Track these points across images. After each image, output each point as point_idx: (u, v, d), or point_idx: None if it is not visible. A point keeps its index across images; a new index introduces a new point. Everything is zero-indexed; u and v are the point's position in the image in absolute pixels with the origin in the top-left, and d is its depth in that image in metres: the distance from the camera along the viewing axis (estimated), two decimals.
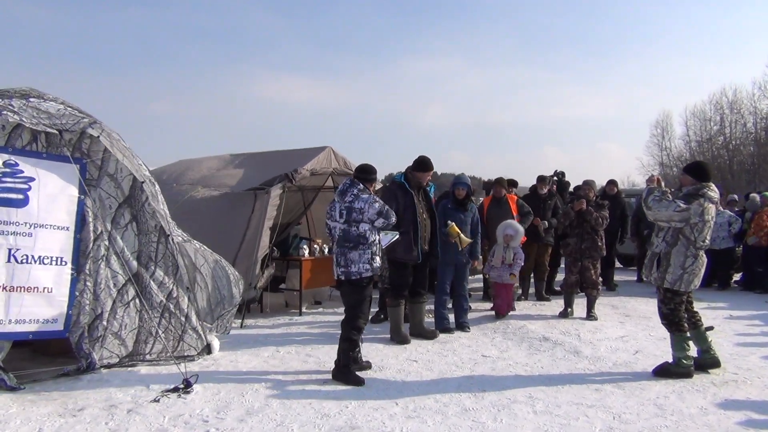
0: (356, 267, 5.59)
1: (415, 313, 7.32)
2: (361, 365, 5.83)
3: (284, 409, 4.72)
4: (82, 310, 5.43)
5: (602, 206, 8.68)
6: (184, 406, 4.74)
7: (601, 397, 5.10)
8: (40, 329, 5.26)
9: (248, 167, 9.74)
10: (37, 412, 4.54)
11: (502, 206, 9.13)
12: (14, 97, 5.45)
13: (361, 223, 5.58)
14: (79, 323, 5.41)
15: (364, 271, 5.60)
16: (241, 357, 6.26)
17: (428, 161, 7.11)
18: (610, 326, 8.00)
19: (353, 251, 5.60)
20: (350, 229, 5.61)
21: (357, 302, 5.67)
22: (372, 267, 5.62)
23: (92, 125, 5.64)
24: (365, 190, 5.71)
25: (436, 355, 6.49)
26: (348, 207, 5.62)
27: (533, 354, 6.58)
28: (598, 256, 8.62)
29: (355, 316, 5.64)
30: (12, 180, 5.21)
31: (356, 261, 5.59)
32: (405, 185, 7.03)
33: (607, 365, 6.14)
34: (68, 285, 5.40)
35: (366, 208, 5.57)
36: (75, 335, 5.40)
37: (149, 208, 5.93)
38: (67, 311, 5.37)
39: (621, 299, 10.19)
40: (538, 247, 9.84)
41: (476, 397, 5.05)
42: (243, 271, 7.78)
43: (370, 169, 5.96)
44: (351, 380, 5.46)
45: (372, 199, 5.63)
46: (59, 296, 5.35)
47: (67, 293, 5.38)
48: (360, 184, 5.73)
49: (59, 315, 5.34)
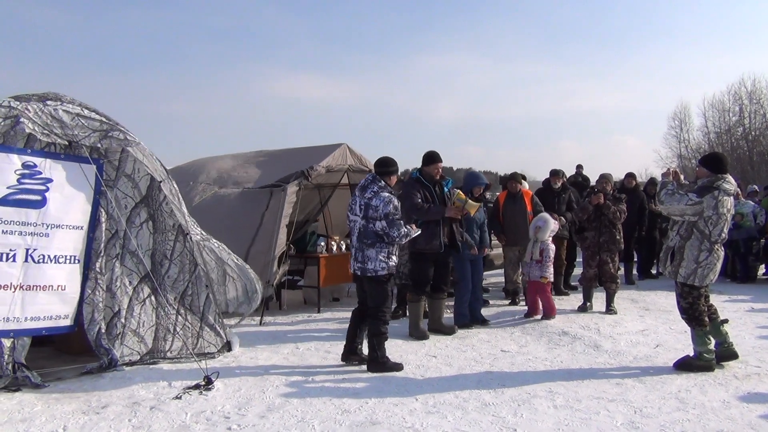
0: (372, 264, 5.65)
1: (434, 309, 7.33)
2: (361, 358, 5.92)
3: (305, 405, 4.75)
4: (95, 307, 5.51)
5: (620, 200, 8.61)
6: (205, 403, 4.78)
7: (621, 392, 5.08)
8: (53, 325, 5.38)
9: (264, 165, 9.78)
10: (61, 409, 4.61)
11: (517, 202, 9.08)
12: (32, 100, 5.51)
13: (378, 221, 5.62)
14: (95, 320, 5.49)
15: (380, 269, 5.65)
16: (261, 354, 6.31)
17: (434, 153, 7.12)
18: (630, 320, 7.95)
19: (371, 248, 5.65)
20: (368, 225, 5.66)
21: (381, 298, 5.75)
22: (388, 265, 5.68)
23: (102, 140, 5.69)
24: (386, 188, 5.76)
25: (455, 350, 6.49)
26: (366, 203, 5.68)
27: (553, 349, 6.56)
28: (616, 250, 8.55)
29: (382, 311, 5.74)
30: (31, 181, 5.29)
31: (373, 258, 5.65)
32: (421, 179, 7.08)
33: (627, 359, 6.11)
34: (80, 283, 5.50)
35: (381, 207, 5.60)
36: (92, 332, 5.48)
37: (167, 207, 6.00)
38: (77, 307, 5.47)
39: (640, 293, 10.13)
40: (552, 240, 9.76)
41: (496, 392, 5.05)
42: (259, 268, 7.84)
43: (388, 161, 5.99)
44: (390, 368, 5.68)
45: (388, 200, 5.64)
46: (71, 293, 5.46)
47: (78, 290, 5.48)
48: (381, 181, 5.79)
49: (70, 311, 5.45)
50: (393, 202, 5.67)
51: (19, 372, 5.02)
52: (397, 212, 5.67)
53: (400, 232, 5.63)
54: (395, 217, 5.64)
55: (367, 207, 5.66)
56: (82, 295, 5.50)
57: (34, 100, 5.51)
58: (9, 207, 5.15)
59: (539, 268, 8.05)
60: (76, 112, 5.66)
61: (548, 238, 8.18)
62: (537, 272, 8.05)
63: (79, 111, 5.69)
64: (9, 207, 5.15)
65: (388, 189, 5.78)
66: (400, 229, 5.64)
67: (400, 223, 5.66)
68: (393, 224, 5.62)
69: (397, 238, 5.65)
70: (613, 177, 9.22)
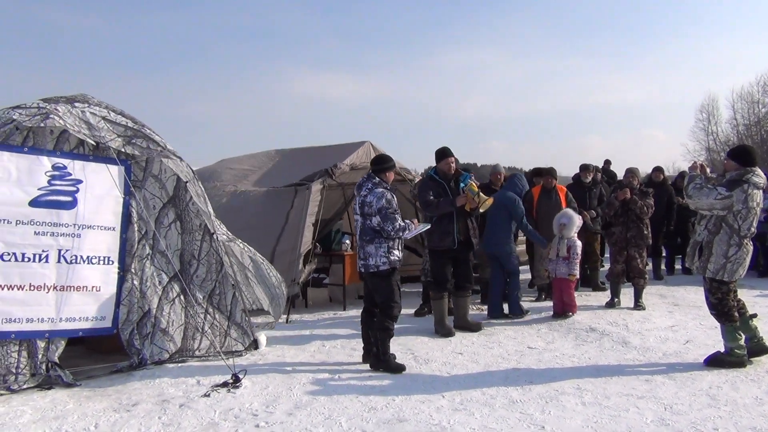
0: (373, 260, 5.66)
1: (459, 306, 7.31)
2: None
3: (331, 402, 4.77)
4: (131, 308, 5.60)
5: (646, 194, 8.49)
6: (233, 401, 4.83)
7: (651, 388, 5.02)
8: (90, 327, 5.46)
9: (288, 164, 9.85)
10: (92, 407, 4.69)
11: (552, 197, 9.01)
12: (60, 102, 5.62)
13: (373, 217, 5.64)
14: (129, 320, 5.58)
15: (381, 264, 5.65)
16: (288, 351, 6.35)
17: (443, 149, 7.12)
18: (659, 316, 7.85)
19: (370, 245, 5.68)
20: (365, 222, 5.70)
21: (388, 294, 5.72)
22: (389, 260, 5.66)
23: (126, 146, 5.76)
24: (380, 184, 5.77)
25: (482, 347, 6.47)
26: (362, 201, 5.73)
27: (580, 345, 6.51)
28: (644, 245, 8.45)
29: (390, 306, 5.71)
30: (61, 183, 5.39)
31: (373, 254, 5.66)
32: (435, 177, 7.08)
33: (656, 355, 6.04)
34: (115, 284, 5.58)
35: (374, 202, 5.61)
36: (126, 332, 5.56)
37: (193, 208, 6.07)
38: (114, 309, 5.55)
39: (669, 288, 10.00)
40: (586, 236, 9.68)
41: (523, 389, 5.03)
42: (285, 266, 7.89)
43: (383, 158, 6.05)
44: (392, 367, 5.59)
45: (381, 195, 5.63)
46: (107, 294, 5.54)
47: (114, 291, 5.57)
48: (375, 178, 5.80)
49: (107, 313, 5.53)
50: (386, 196, 5.65)
51: (52, 371, 5.13)
52: (390, 206, 5.62)
53: (394, 226, 5.59)
54: (388, 212, 5.60)
55: (363, 204, 5.70)
56: (119, 296, 5.59)
57: (63, 102, 5.62)
58: (40, 208, 5.25)
59: (566, 265, 7.96)
60: (102, 115, 5.76)
61: (574, 234, 8.10)
62: (564, 269, 7.95)
63: (105, 114, 5.78)
64: (40, 208, 5.25)
65: (383, 185, 5.78)
66: (395, 223, 5.59)
67: (394, 217, 5.61)
68: (386, 218, 5.59)
69: (392, 232, 5.60)
70: (639, 171, 9.10)
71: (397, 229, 5.61)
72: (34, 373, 5.06)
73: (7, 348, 4.98)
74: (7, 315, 5.02)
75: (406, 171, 9.80)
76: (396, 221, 5.61)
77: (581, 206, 9.31)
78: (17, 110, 5.30)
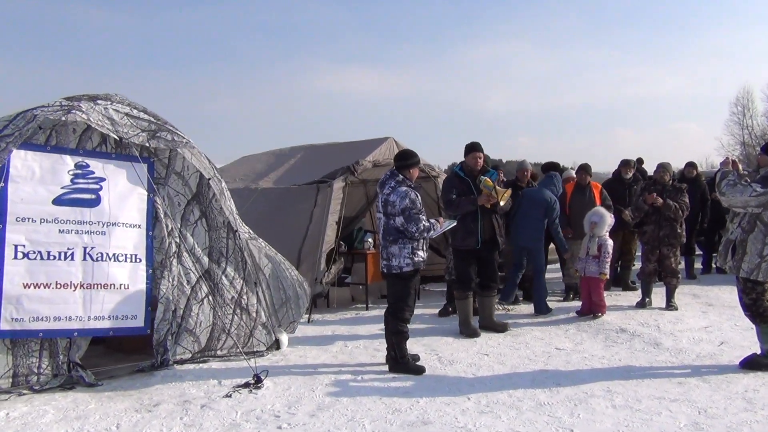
0: (397, 261, 5.60)
1: (485, 306, 7.27)
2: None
3: (355, 404, 4.77)
4: (167, 306, 5.63)
5: (680, 190, 8.32)
6: (255, 401, 4.85)
7: (684, 391, 4.95)
8: (120, 325, 5.49)
9: (309, 160, 9.87)
10: (114, 407, 4.74)
11: (586, 194, 8.90)
12: (83, 99, 5.69)
13: (397, 217, 5.56)
14: (165, 319, 5.62)
15: (405, 266, 5.59)
16: (310, 352, 6.37)
17: (472, 143, 7.04)
18: (692, 316, 7.74)
19: (393, 245, 5.62)
20: (388, 221, 5.63)
21: (402, 295, 5.68)
22: (413, 261, 5.59)
23: (150, 140, 5.80)
24: (404, 182, 5.67)
25: (508, 348, 6.43)
26: (384, 199, 5.64)
27: (610, 346, 6.44)
28: (677, 244, 8.28)
29: (401, 308, 5.66)
30: (84, 181, 5.46)
31: (396, 255, 5.60)
32: (460, 174, 7.03)
33: (690, 357, 5.95)
34: (144, 282, 5.63)
35: (398, 202, 5.54)
36: (161, 332, 5.60)
37: (216, 205, 6.11)
38: (145, 308, 5.59)
39: (702, 288, 9.84)
40: (624, 234, 9.56)
41: (551, 392, 4.98)
42: (309, 266, 7.90)
43: (406, 154, 5.94)
44: (410, 369, 5.58)
45: (404, 194, 5.54)
46: (136, 293, 5.57)
47: (144, 289, 5.61)
48: (399, 175, 5.70)
49: (138, 311, 5.57)
50: (410, 196, 5.54)
51: (73, 371, 5.19)
52: (414, 206, 5.52)
53: (418, 227, 5.49)
54: (412, 212, 5.50)
55: (386, 203, 5.61)
56: (148, 295, 5.64)
57: (85, 99, 5.69)
58: (64, 206, 5.31)
59: (597, 264, 7.87)
60: (125, 111, 5.81)
61: (605, 233, 8.01)
62: (594, 268, 7.86)
63: (128, 111, 5.84)
64: (64, 206, 5.31)
65: (407, 183, 5.68)
66: (418, 224, 5.49)
67: (418, 218, 5.51)
68: (410, 219, 5.50)
69: (416, 233, 5.51)
70: (671, 166, 8.94)
71: (422, 230, 5.52)
72: (56, 373, 5.13)
73: (29, 347, 5.05)
74: (35, 314, 5.08)
75: (430, 168, 9.77)
76: (420, 222, 5.52)
77: (621, 203, 9.17)
78: (40, 108, 5.38)
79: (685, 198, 8.27)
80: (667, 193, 8.23)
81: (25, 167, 5.20)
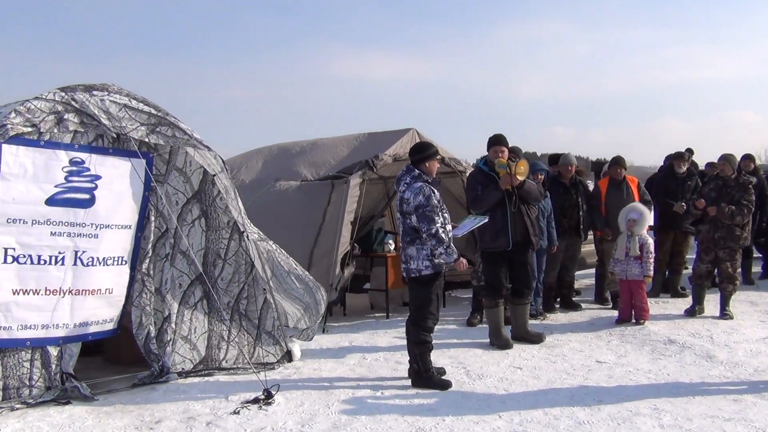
0: (415, 264, 5.60)
1: (518, 315, 7.23)
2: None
3: (374, 422, 4.78)
4: (143, 311, 5.71)
5: (745, 186, 8.04)
6: (265, 419, 4.88)
7: (740, 409, 4.90)
8: (98, 330, 5.65)
9: (324, 154, 9.86)
10: (113, 424, 4.79)
11: (623, 190, 8.83)
12: (78, 90, 5.74)
13: (412, 215, 5.56)
14: (142, 324, 5.69)
15: (423, 268, 5.58)
16: (325, 364, 6.40)
17: (496, 136, 7.04)
18: (749, 326, 7.65)
19: (411, 246, 5.63)
20: (405, 220, 5.64)
21: (423, 302, 5.67)
22: (432, 264, 5.56)
23: (150, 135, 5.87)
24: (420, 177, 5.66)
25: (543, 361, 6.41)
26: (400, 197, 5.66)
27: (657, 359, 6.39)
28: (736, 247, 8.11)
29: (423, 317, 5.65)
30: (79, 179, 5.51)
31: (414, 257, 5.60)
32: (484, 168, 7.01)
33: (746, 372, 5.89)
34: (125, 285, 5.74)
35: (411, 199, 5.54)
36: (141, 337, 5.68)
37: (221, 203, 6.15)
38: (122, 310, 5.72)
39: (761, 294, 9.73)
40: (675, 235, 9.45)
41: (591, 409, 4.96)
42: (323, 270, 7.92)
43: (422, 146, 5.95)
44: (435, 383, 5.57)
45: (418, 190, 5.53)
46: (117, 296, 5.71)
47: (124, 293, 5.73)
48: (414, 170, 5.71)
49: (115, 314, 5.71)
50: (424, 191, 5.52)
51: (68, 383, 5.26)
52: (428, 204, 5.49)
53: (429, 228, 5.44)
54: (426, 210, 5.48)
55: (402, 201, 5.62)
56: (128, 297, 5.72)
57: (80, 90, 5.75)
58: (57, 207, 5.37)
59: (639, 266, 7.82)
60: (124, 103, 5.86)
61: (644, 231, 7.96)
62: (637, 270, 7.82)
63: (126, 102, 5.89)
64: (57, 207, 5.37)
65: (424, 178, 5.66)
66: (431, 225, 5.44)
67: (432, 217, 5.46)
68: (423, 218, 5.47)
69: (425, 233, 5.46)
70: (735, 158, 8.66)
71: (432, 233, 5.45)
72: (50, 386, 5.20)
73: (19, 357, 5.13)
74: (23, 321, 5.17)
75: (456, 162, 9.72)
76: (434, 222, 5.46)
77: (674, 200, 9.10)
78: (33, 100, 5.44)
79: (751, 196, 8.05)
80: (729, 190, 8.05)
81: (17, 164, 5.25)
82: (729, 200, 7.98)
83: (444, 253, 5.50)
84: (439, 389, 5.52)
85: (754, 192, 8.18)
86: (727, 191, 8.06)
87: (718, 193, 8.12)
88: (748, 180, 8.29)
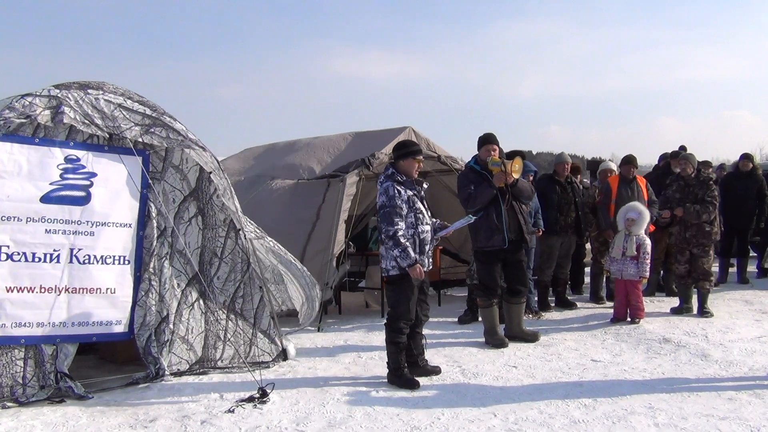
0: (384, 263, 5.64)
1: (512, 314, 7.23)
2: (425, 369, 5.89)
3: (369, 420, 4.78)
4: (148, 311, 5.69)
5: (705, 183, 8.21)
6: (260, 417, 4.88)
7: (735, 408, 4.91)
8: (104, 331, 5.58)
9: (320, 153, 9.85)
10: (107, 423, 4.78)
11: (634, 189, 8.79)
12: (72, 88, 5.73)
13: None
14: (146, 325, 5.67)
15: (391, 269, 5.60)
16: (320, 363, 6.39)
17: (486, 135, 7.04)
18: (744, 325, 7.68)
19: (382, 246, 5.67)
20: (379, 221, 5.67)
21: (393, 302, 5.70)
22: (398, 264, 5.54)
23: (144, 135, 5.84)
24: (392, 176, 5.64)
25: (539, 359, 6.42)
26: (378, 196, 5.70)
27: (652, 358, 6.41)
28: (708, 243, 8.24)
29: (395, 317, 5.67)
30: (74, 176, 5.50)
31: (384, 257, 5.65)
32: (476, 168, 7.00)
33: (741, 370, 5.91)
34: (132, 285, 5.69)
35: (378, 198, 5.57)
36: (142, 338, 5.66)
37: (217, 201, 6.14)
38: (130, 312, 5.66)
39: (756, 293, 9.76)
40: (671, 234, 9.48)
41: (587, 408, 4.97)
42: (317, 268, 7.92)
43: (402, 144, 5.96)
44: (403, 383, 5.56)
45: (384, 189, 5.54)
46: (123, 297, 5.65)
47: (131, 294, 5.67)
48: (390, 169, 5.72)
49: (123, 317, 5.64)
50: (388, 192, 5.52)
51: (62, 382, 5.24)
52: (389, 204, 5.49)
53: (388, 229, 5.43)
54: (386, 210, 5.49)
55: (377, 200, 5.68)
56: (135, 298, 5.70)
57: (75, 88, 5.74)
58: (52, 204, 5.37)
59: (635, 266, 7.84)
60: (119, 102, 5.85)
61: (642, 231, 7.99)
62: (633, 270, 7.84)
63: (121, 101, 5.87)
64: (52, 204, 5.37)
65: (396, 177, 5.63)
66: (389, 226, 5.43)
67: (391, 219, 5.45)
68: (383, 218, 5.49)
69: (383, 234, 5.47)
70: (695, 157, 8.69)
71: (390, 234, 5.44)
72: (43, 384, 5.18)
73: (12, 355, 5.11)
74: (17, 319, 5.16)
75: (453, 160, 9.73)
76: (392, 224, 5.44)
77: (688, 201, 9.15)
78: (27, 97, 5.43)
79: (714, 192, 8.20)
80: (692, 188, 8.22)
81: (12, 161, 5.25)
82: (693, 199, 8.15)
83: (399, 257, 5.47)
84: (407, 389, 5.49)
85: (716, 187, 8.31)
86: (690, 190, 8.23)
87: (681, 193, 8.32)
88: (708, 176, 8.44)
